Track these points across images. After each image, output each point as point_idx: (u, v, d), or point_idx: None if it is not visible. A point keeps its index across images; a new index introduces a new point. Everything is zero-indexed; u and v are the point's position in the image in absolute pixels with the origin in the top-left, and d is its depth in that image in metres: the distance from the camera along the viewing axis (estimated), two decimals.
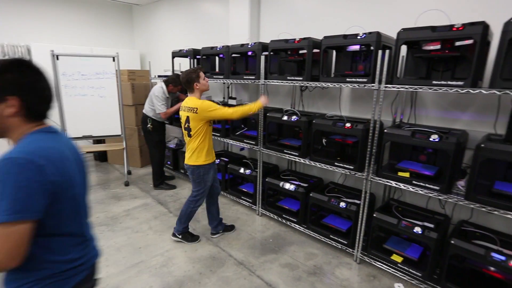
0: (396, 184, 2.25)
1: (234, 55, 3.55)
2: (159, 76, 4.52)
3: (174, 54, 4.23)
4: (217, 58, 4.10)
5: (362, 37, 2.30)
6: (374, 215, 2.38)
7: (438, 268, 2.18)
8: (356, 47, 2.47)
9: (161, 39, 5.60)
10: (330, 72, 2.89)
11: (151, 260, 2.55)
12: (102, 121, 4.17)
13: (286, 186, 3.03)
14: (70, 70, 3.91)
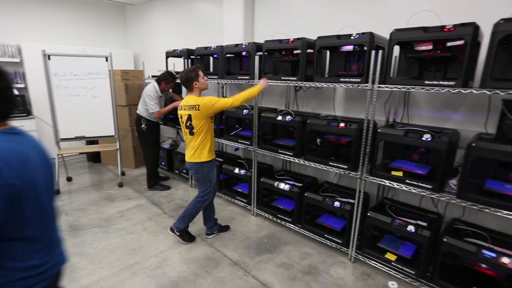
0: (389, 183, 2.28)
1: (228, 55, 3.55)
2: (153, 76, 4.47)
3: (168, 54, 4.21)
4: (211, 58, 4.09)
5: (356, 37, 2.31)
6: (368, 214, 2.40)
7: (431, 265, 2.21)
8: (349, 48, 2.49)
9: (154, 39, 5.56)
10: (324, 72, 2.91)
11: (146, 261, 2.53)
12: (95, 121, 4.13)
13: (280, 186, 3.04)
14: (62, 70, 3.85)
